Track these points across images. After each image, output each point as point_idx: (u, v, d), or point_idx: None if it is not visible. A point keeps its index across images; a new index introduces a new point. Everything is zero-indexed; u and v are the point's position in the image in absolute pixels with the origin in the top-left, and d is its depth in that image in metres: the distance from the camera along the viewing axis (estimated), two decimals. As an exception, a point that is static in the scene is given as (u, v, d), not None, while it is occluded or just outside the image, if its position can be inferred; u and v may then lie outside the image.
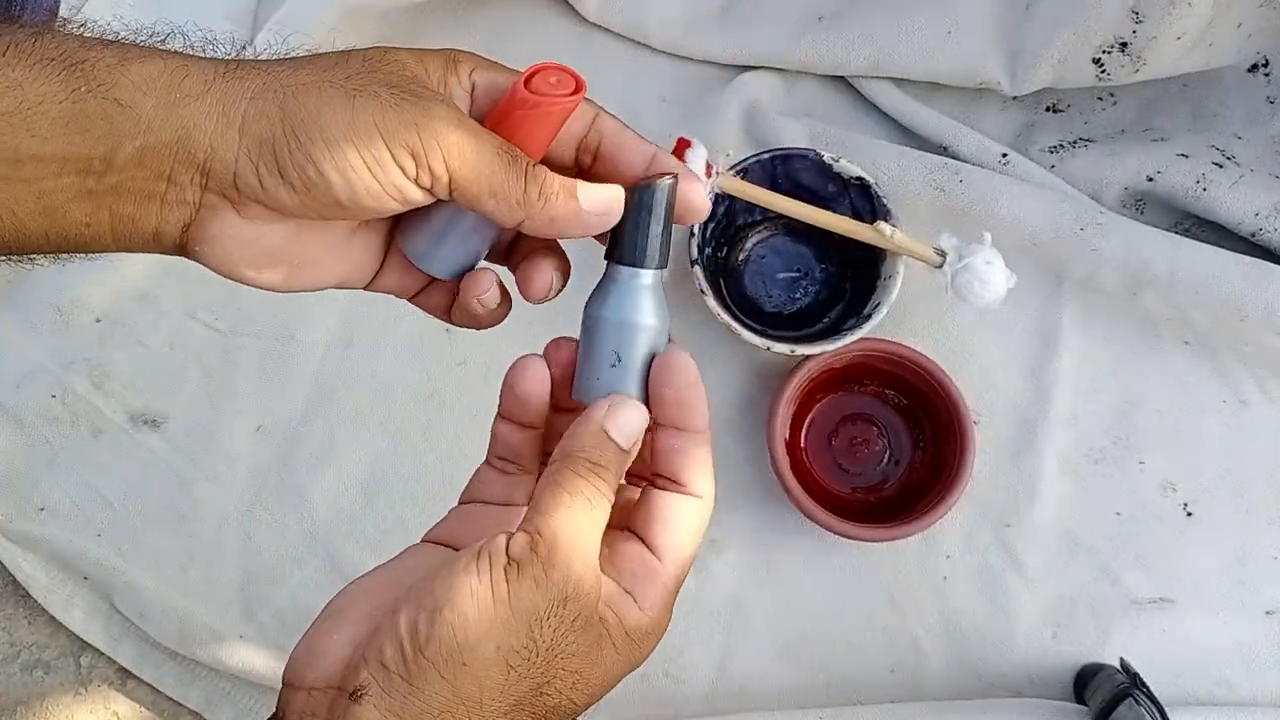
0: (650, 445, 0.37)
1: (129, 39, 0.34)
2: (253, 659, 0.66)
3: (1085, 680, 0.63)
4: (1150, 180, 0.68)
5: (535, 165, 0.35)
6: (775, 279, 0.71)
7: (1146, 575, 0.65)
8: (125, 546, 0.70)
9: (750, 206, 0.67)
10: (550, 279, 0.38)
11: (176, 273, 0.74)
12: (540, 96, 0.35)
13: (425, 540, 0.38)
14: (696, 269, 0.64)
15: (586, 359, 0.37)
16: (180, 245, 0.35)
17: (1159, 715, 0.56)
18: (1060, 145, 0.72)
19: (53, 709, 0.69)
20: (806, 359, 0.65)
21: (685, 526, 0.35)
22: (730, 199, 0.67)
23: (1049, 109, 0.74)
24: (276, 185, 0.33)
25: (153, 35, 0.35)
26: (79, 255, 0.35)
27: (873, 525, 0.64)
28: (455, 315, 0.40)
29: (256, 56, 0.35)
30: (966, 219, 0.68)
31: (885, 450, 0.69)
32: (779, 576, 0.67)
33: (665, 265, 0.37)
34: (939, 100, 0.74)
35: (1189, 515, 0.66)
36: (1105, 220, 0.66)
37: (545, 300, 0.38)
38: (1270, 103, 0.70)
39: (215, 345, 0.73)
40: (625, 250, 0.36)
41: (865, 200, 0.66)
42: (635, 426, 0.35)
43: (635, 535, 0.36)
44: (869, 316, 0.64)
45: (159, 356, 0.73)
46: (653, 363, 0.37)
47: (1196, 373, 0.68)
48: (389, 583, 0.35)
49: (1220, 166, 0.67)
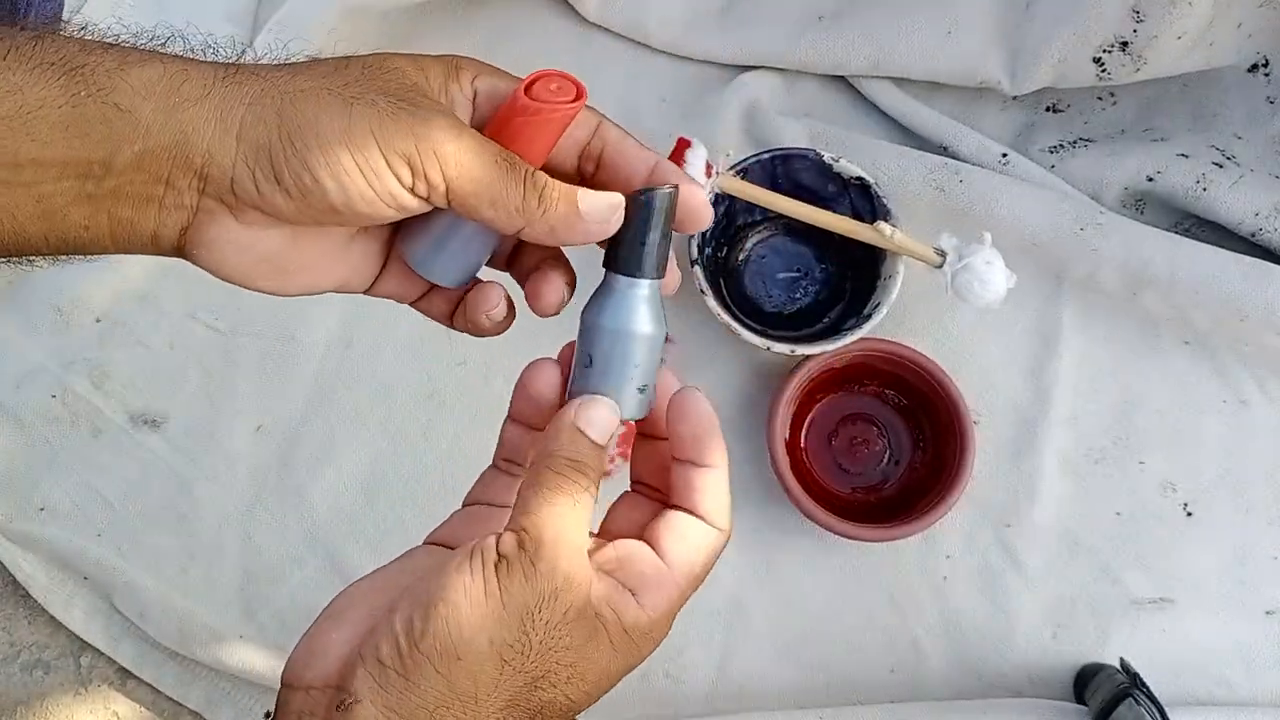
0: (664, 474, 0.37)
1: (129, 42, 0.34)
2: (253, 659, 0.66)
3: (1085, 680, 0.63)
4: (1150, 180, 0.68)
5: (535, 173, 0.35)
6: (775, 279, 0.71)
7: (1146, 575, 0.65)
8: (125, 546, 0.70)
9: (750, 206, 0.67)
10: (561, 294, 0.38)
11: (177, 273, 0.74)
12: (541, 104, 0.34)
13: (427, 542, 0.39)
14: (696, 269, 0.64)
15: (581, 365, 0.37)
16: (178, 248, 0.35)
17: (1159, 715, 0.56)
18: (1060, 145, 0.72)
19: (53, 709, 0.69)
20: (806, 359, 0.65)
21: (698, 544, 0.35)
22: (730, 199, 0.67)
23: (1049, 109, 0.74)
24: (273, 191, 0.33)
25: (153, 39, 0.35)
26: (78, 256, 0.35)
27: (873, 525, 0.64)
28: (458, 322, 0.41)
29: (257, 61, 0.36)
30: (966, 219, 0.68)
31: (885, 450, 0.69)
32: (779, 576, 0.67)
33: (663, 275, 0.37)
34: (939, 100, 0.74)
35: (1189, 515, 0.66)
36: (1105, 220, 0.66)
37: (555, 314, 0.38)
38: (1270, 103, 0.70)
39: (215, 345, 0.73)
40: (623, 259, 0.36)
41: (865, 200, 0.66)
42: (606, 422, 0.35)
43: (648, 544, 0.36)
44: (869, 316, 0.64)
45: (159, 356, 0.73)
46: (653, 376, 0.37)
47: (1196, 373, 0.68)
48: (388, 584, 0.35)
49: (1220, 166, 0.67)
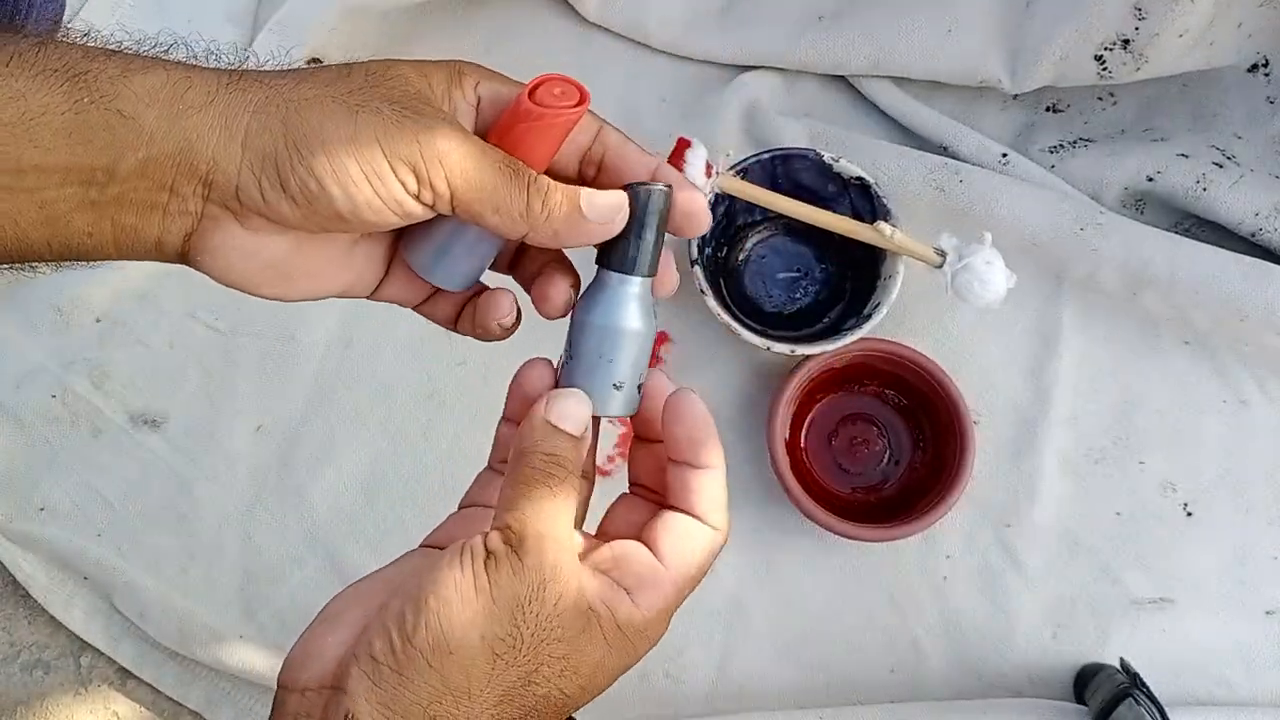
0: (662, 475, 0.37)
1: (132, 49, 0.34)
2: (253, 659, 0.66)
3: (1085, 680, 0.63)
4: (1150, 180, 0.68)
5: (538, 178, 0.35)
6: (775, 279, 0.71)
7: (1146, 575, 0.65)
8: (125, 546, 0.70)
9: (750, 206, 0.67)
10: (567, 295, 0.38)
11: (177, 273, 0.73)
12: (544, 109, 0.35)
13: (423, 545, 0.39)
14: (696, 269, 0.64)
15: (571, 360, 0.37)
16: (182, 255, 0.36)
17: (1159, 715, 0.56)
18: (1060, 145, 0.72)
19: (53, 709, 0.69)
20: (806, 359, 0.65)
21: (694, 544, 0.36)
22: (730, 199, 0.67)
23: (1049, 109, 0.74)
24: (278, 198, 0.33)
25: (155, 45, 0.35)
26: (80, 263, 0.35)
27: (873, 525, 0.64)
28: (462, 327, 0.41)
29: (260, 66, 0.36)
30: (966, 219, 0.68)
31: (885, 450, 0.69)
32: (779, 576, 0.67)
33: (655, 273, 0.37)
34: (939, 100, 0.74)
35: (1189, 515, 0.66)
36: (1105, 220, 0.66)
37: (562, 316, 0.39)
38: (1270, 103, 0.70)
39: (215, 345, 0.73)
40: (615, 256, 0.36)
41: (865, 200, 0.66)
42: (577, 413, 0.35)
43: (645, 544, 0.36)
44: (869, 316, 0.64)
45: (159, 356, 0.73)
46: (641, 375, 0.37)
47: (1196, 373, 0.68)
48: (384, 586, 0.35)
49: (1220, 166, 0.67)
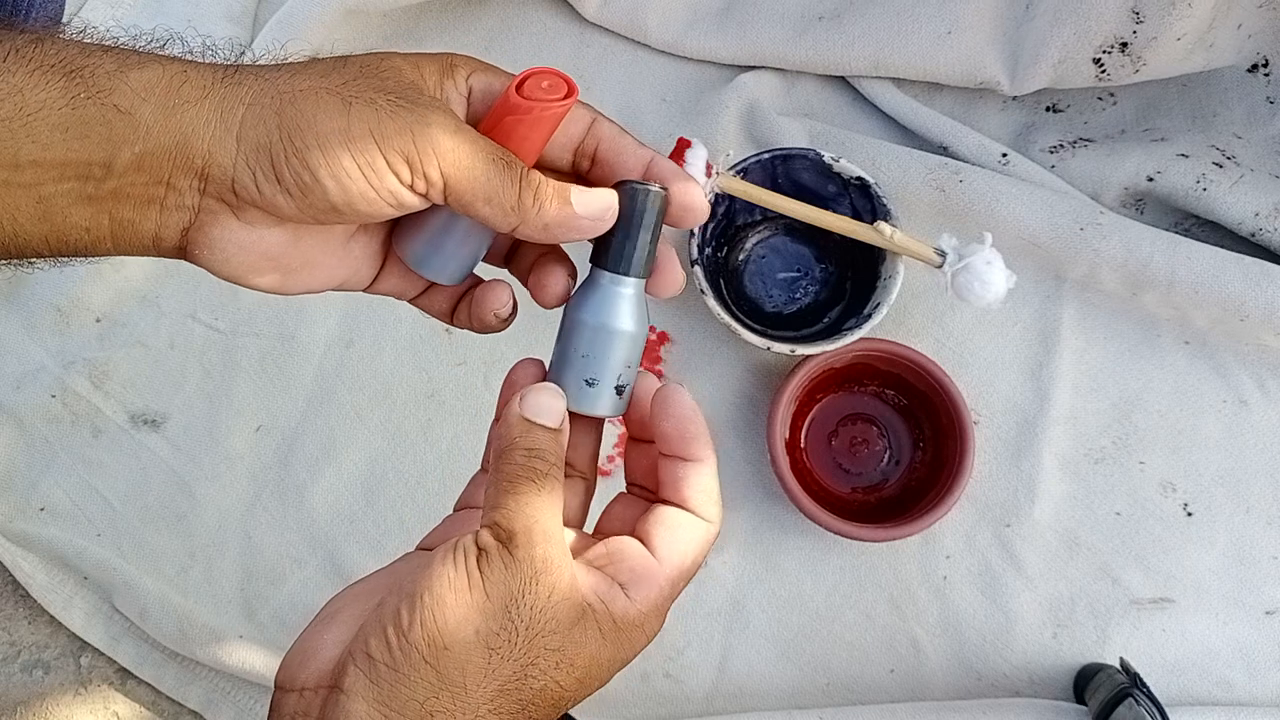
0: (655, 471, 0.38)
1: (128, 45, 0.34)
2: (253, 659, 0.66)
3: (1085, 680, 0.63)
4: (1150, 180, 0.68)
5: (529, 171, 0.35)
6: (775, 279, 0.71)
7: (1146, 575, 0.65)
8: (125, 546, 0.70)
9: (750, 206, 0.67)
10: (564, 285, 0.38)
11: (177, 273, 0.74)
12: (532, 102, 0.35)
13: (419, 548, 0.39)
14: (696, 269, 0.64)
15: (560, 358, 0.37)
16: (180, 249, 0.36)
17: (1159, 715, 0.56)
18: (1060, 145, 0.72)
19: (53, 709, 0.69)
20: (806, 359, 0.65)
21: (687, 538, 0.36)
22: (730, 199, 0.67)
23: (1049, 109, 0.74)
24: (274, 191, 0.33)
25: (152, 41, 0.35)
26: (78, 259, 0.36)
27: (873, 525, 0.64)
28: (459, 319, 0.41)
29: (255, 62, 0.36)
30: (966, 219, 0.68)
31: (885, 450, 0.69)
32: (779, 576, 0.67)
33: (649, 274, 0.37)
34: (939, 100, 0.74)
35: (1189, 515, 0.66)
36: (1105, 220, 0.66)
37: (559, 306, 0.39)
38: (1270, 103, 0.70)
39: (215, 345, 0.73)
40: (609, 256, 0.36)
41: (865, 200, 0.66)
42: (552, 407, 0.35)
43: (638, 539, 0.36)
44: (869, 316, 0.64)
45: (159, 356, 0.73)
46: (633, 376, 0.37)
47: (1196, 373, 0.68)
48: (380, 587, 0.36)
49: (1220, 166, 0.67)
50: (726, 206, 0.68)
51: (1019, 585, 0.66)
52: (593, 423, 0.40)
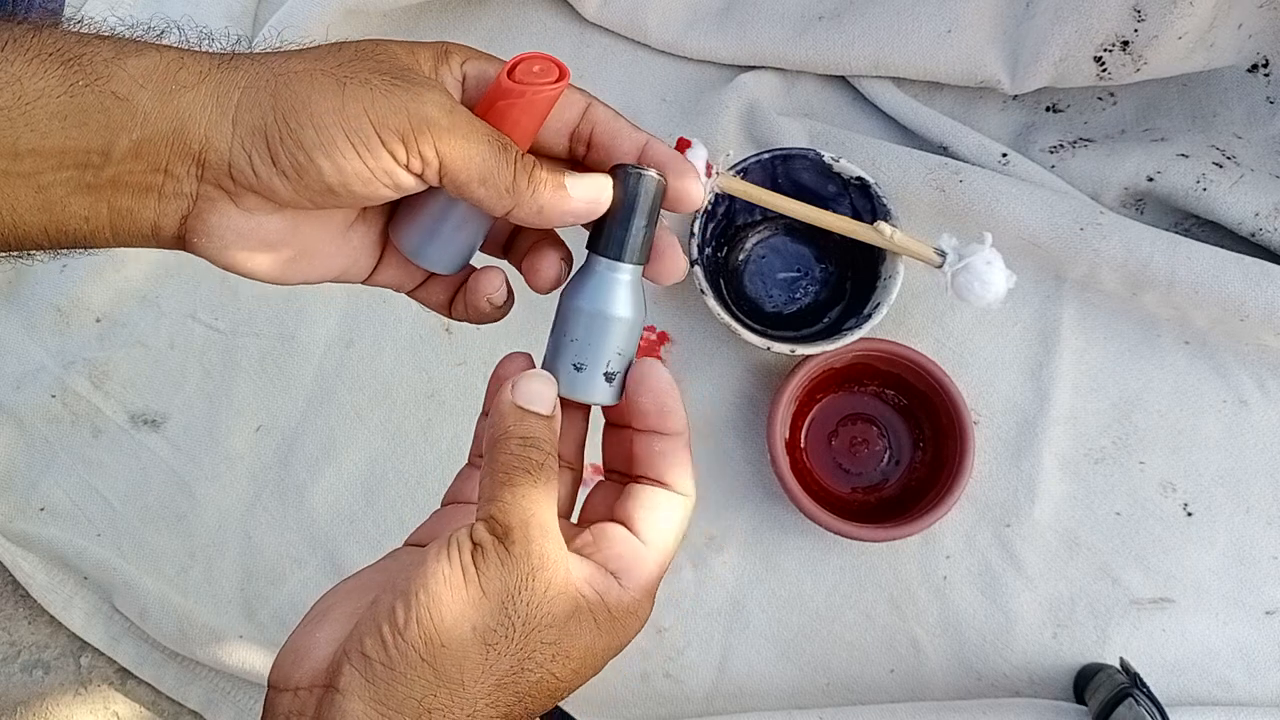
0: (631, 450, 0.37)
1: (125, 33, 0.34)
2: (253, 659, 0.66)
3: (1085, 680, 0.63)
4: (1150, 180, 0.68)
5: (524, 154, 0.35)
6: (775, 279, 0.71)
7: (1146, 575, 0.65)
8: (125, 546, 0.70)
9: (750, 206, 0.67)
10: (557, 269, 0.38)
11: (177, 273, 0.74)
12: (524, 86, 0.35)
13: (408, 544, 0.39)
14: (696, 269, 0.64)
15: (556, 345, 0.37)
16: (179, 238, 0.35)
17: (1159, 715, 0.56)
18: (1060, 145, 0.72)
19: (53, 709, 0.69)
20: (806, 359, 0.65)
21: (669, 517, 0.36)
22: (730, 199, 0.67)
23: (1049, 109, 0.74)
24: (270, 174, 0.33)
25: (149, 30, 0.36)
26: (77, 251, 0.36)
27: (873, 525, 0.64)
28: (457, 311, 0.41)
29: (252, 50, 0.36)
30: (966, 219, 0.68)
31: (885, 450, 0.69)
32: (779, 576, 0.67)
33: (645, 261, 0.37)
34: (939, 100, 0.74)
35: (1189, 515, 0.66)
36: (1105, 220, 0.66)
37: (552, 290, 0.39)
38: (1270, 103, 0.70)
39: (215, 345, 0.73)
40: (606, 242, 0.36)
41: (865, 200, 0.66)
42: (544, 393, 0.35)
43: (621, 524, 0.36)
44: (869, 316, 0.64)
45: (159, 356, 0.73)
46: (628, 364, 0.37)
47: (1196, 373, 0.68)
48: (371, 584, 0.36)
49: (1220, 166, 0.67)
50: (726, 206, 0.68)
51: (1019, 585, 0.66)
52: (580, 410, 0.39)
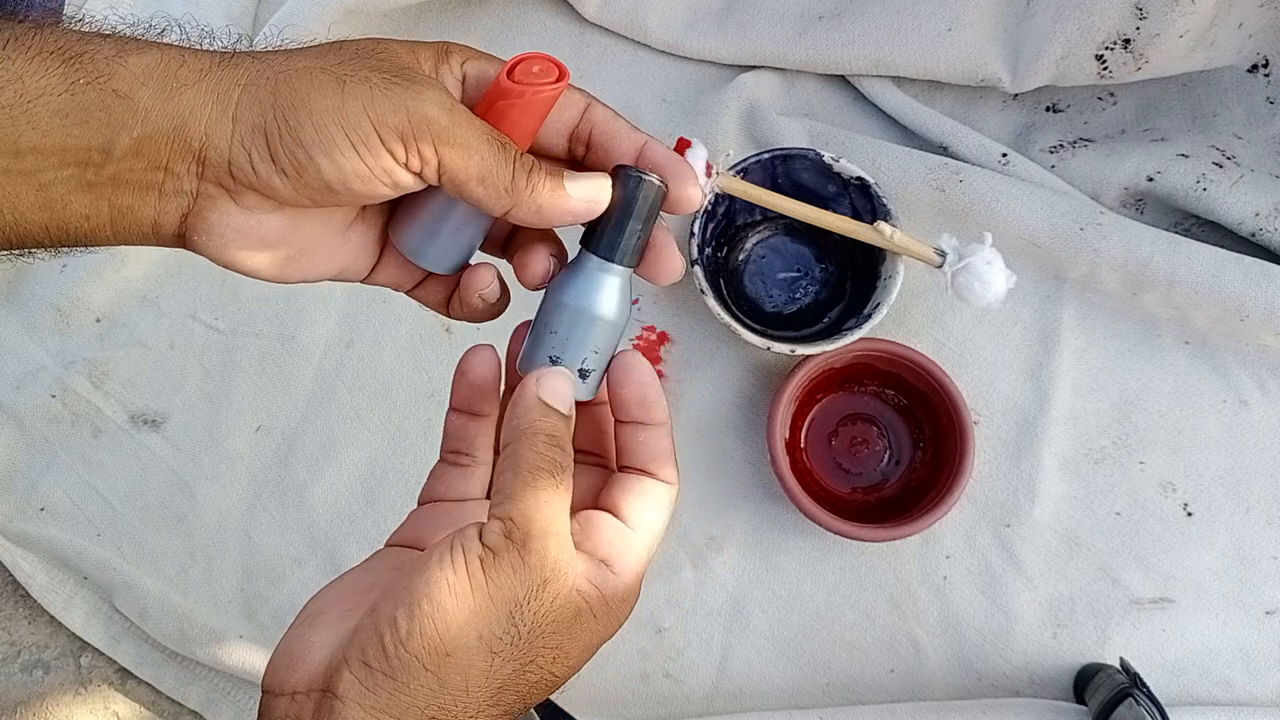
0: (602, 440, 0.38)
1: (127, 33, 0.35)
2: (253, 659, 0.66)
3: (1085, 680, 0.63)
4: (1150, 180, 0.68)
5: (523, 154, 0.35)
6: (775, 279, 0.71)
7: (1146, 575, 0.65)
8: (125, 546, 0.70)
9: (750, 206, 0.67)
10: (547, 264, 0.38)
11: (177, 273, 0.74)
12: (523, 86, 0.35)
13: (389, 544, 0.39)
14: (696, 269, 0.64)
15: (536, 336, 0.37)
16: (179, 236, 0.35)
17: (1159, 715, 0.56)
18: (1060, 145, 0.72)
19: (53, 709, 0.69)
20: (806, 359, 0.65)
21: (655, 504, 0.36)
22: (730, 199, 0.67)
23: (1049, 109, 0.74)
24: (269, 171, 0.33)
25: (150, 28, 0.36)
26: (78, 249, 0.36)
27: (873, 525, 0.64)
28: (454, 309, 0.41)
29: (252, 48, 0.36)
30: (966, 219, 0.68)
31: (885, 450, 0.69)
32: (779, 576, 0.67)
33: (637, 264, 0.37)
34: (939, 100, 0.74)
35: (1189, 515, 0.66)
36: (1105, 220, 0.66)
37: (541, 286, 0.39)
38: (1270, 103, 0.70)
39: (215, 345, 0.73)
40: (599, 241, 0.36)
41: (865, 200, 0.66)
42: (568, 392, 0.35)
43: (608, 511, 0.36)
44: (869, 316, 0.64)
45: (159, 356, 0.73)
46: (605, 364, 0.37)
47: (1196, 373, 0.68)
48: (361, 585, 0.35)
49: (1220, 166, 0.67)
50: (726, 206, 0.68)
51: (1019, 585, 0.66)
52: None
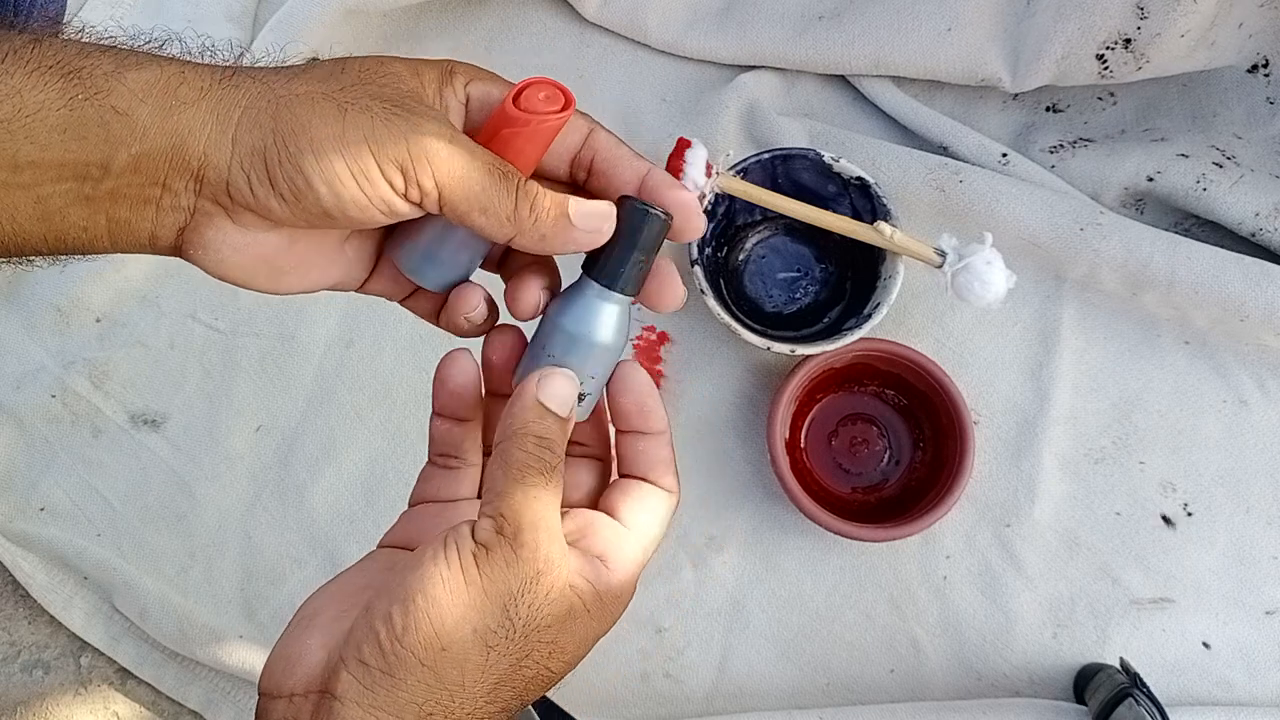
0: (616, 449, 0.38)
1: (126, 45, 0.35)
2: (253, 659, 0.66)
3: (1085, 680, 0.63)
4: (1150, 180, 0.68)
5: (527, 182, 0.35)
6: (775, 279, 0.71)
7: (1146, 575, 0.65)
8: (125, 546, 0.70)
9: (750, 206, 0.67)
10: (537, 298, 0.38)
11: (177, 274, 0.74)
12: (530, 114, 0.35)
13: (383, 545, 0.39)
14: (696, 269, 0.64)
15: (533, 357, 0.37)
16: (175, 248, 0.36)
17: (1159, 715, 0.56)
18: (1060, 145, 0.72)
19: (53, 709, 0.69)
20: (806, 359, 0.65)
21: (653, 507, 0.37)
22: (730, 199, 0.67)
23: (1049, 109, 0.74)
24: (267, 194, 0.33)
25: (150, 41, 0.36)
26: (77, 256, 0.36)
27: (873, 525, 0.64)
28: (442, 321, 0.41)
29: (254, 63, 0.36)
30: (966, 219, 0.68)
31: (885, 450, 0.69)
32: (779, 576, 0.67)
33: (637, 293, 0.37)
34: (939, 100, 0.74)
35: (1189, 515, 0.66)
36: (1105, 220, 0.66)
37: (532, 318, 0.39)
38: (1270, 103, 0.70)
39: (215, 345, 0.73)
40: (601, 269, 0.36)
41: (865, 200, 0.66)
42: (568, 394, 0.35)
43: (606, 513, 0.37)
44: (869, 316, 0.64)
45: (159, 356, 0.73)
46: (599, 388, 0.37)
47: (1196, 373, 0.68)
48: (355, 586, 0.36)
49: (1220, 166, 0.67)
50: (726, 206, 0.68)
51: (1019, 585, 0.66)
52: None
